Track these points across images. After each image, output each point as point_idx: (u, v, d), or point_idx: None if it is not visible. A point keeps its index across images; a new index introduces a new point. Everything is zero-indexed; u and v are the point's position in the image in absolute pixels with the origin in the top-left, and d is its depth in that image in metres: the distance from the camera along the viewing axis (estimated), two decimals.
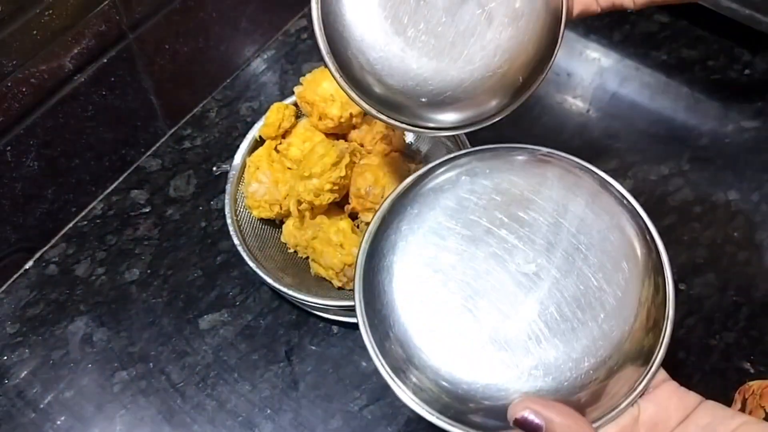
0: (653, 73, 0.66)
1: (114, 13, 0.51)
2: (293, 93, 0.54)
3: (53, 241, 0.57)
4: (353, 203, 0.51)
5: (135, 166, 0.61)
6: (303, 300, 0.48)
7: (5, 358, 0.52)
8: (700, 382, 0.50)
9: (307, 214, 0.50)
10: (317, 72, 0.53)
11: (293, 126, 0.54)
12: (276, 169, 0.52)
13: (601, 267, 0.34)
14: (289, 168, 0.53)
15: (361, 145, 0.54)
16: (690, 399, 0.34)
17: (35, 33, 0.46)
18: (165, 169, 0.61)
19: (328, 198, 0.49)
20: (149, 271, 0.56)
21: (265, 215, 0.52)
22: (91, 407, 0.50)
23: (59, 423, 0.49)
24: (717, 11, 0.63)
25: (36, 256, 0.56)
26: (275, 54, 0.68)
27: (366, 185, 0.50)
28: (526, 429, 0.31)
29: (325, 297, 0.49)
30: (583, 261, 0.34)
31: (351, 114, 0.52)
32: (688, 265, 0.55)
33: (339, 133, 0.54)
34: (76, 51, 0.50)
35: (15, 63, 0.46)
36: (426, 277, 0.35)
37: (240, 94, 0.65)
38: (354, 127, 0.54)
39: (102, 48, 0.52)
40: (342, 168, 0.48)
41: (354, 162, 0.51)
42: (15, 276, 0.55)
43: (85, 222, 0.58)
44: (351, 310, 0.50)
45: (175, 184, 0.60)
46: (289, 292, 0.48)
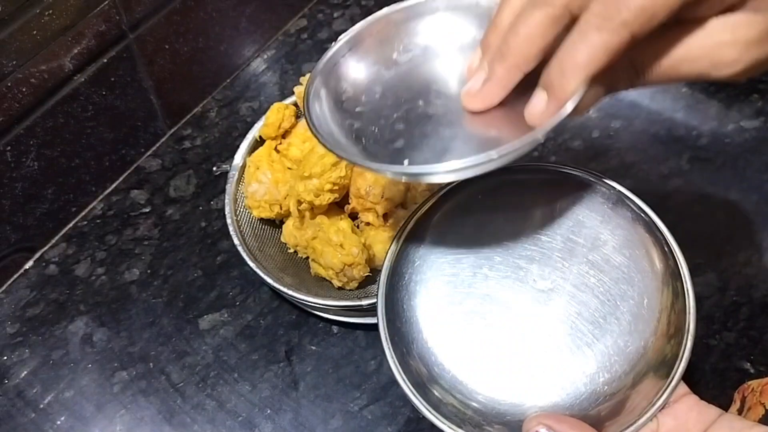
0: None
1: (114, 13, 0.51)
2: (293, 93, 0.54)
3: (53, 241, 0.57)
4: (353, 203, 0.51)
5: (135, 166, 0.61)
6: (303, 300, 0.48)
7: (5, 358, 0.52)
8: (699, 382, 0.50)
9: (307, 214, 0.50)
10: None
11: (293, 126, 0.54)
12: (276, 169, 0.52)
13: (617, 283, 0.35)
14: (289, 168, 0.53)
15: None
16: (710, 413, 0.33)
17: (35, 33, 0.46)
18: (165, 169, 0.61)
19: (328, 198, 0.49)
20: (149, 271, 0.56)
21: (265, 215, 0.52)
22: (91, 407, 0.50)
23: (59, 423, 0.49)
24: None
25: (36, 256, 0.56)
26: (275, 54, 0.68)
27: (366, 185, 0.50)
28: None
29: (325, 297, 0.49)
30: (598, 277, 0.35)
31: None
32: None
33: None
34: (76, 51, 0.50)
35: (15, 63, 0.46)
36: (445, 295, 0.36)
37: (240, 94, 0.65)
38: None
39: (102, 48, 0.52)
40: (342, 168, 0.48)
41: None
42: (15, 276, 0.55)
43: (85, 222, 0.58)
44: (351, 310, 0.50)
45: (175, 184, 0.60)
46: (289, 292, 0.48)
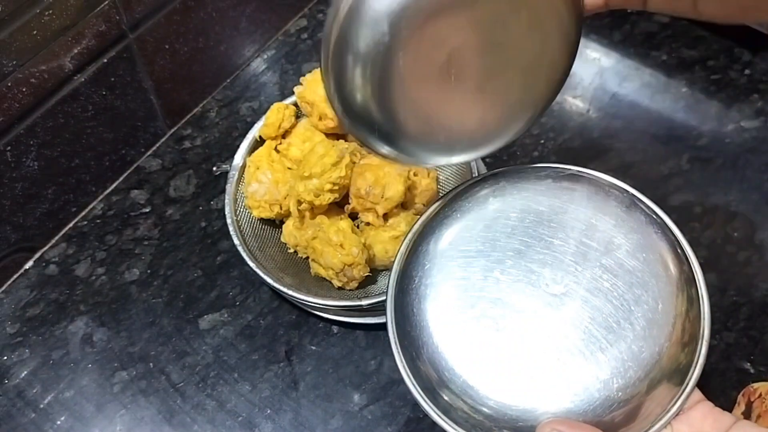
0: (653, 73, 0.66)
1: (114, 13, 0.51)
2: (293, 93, 0.54)
3: (53, 241, 0.57)
4: (353, 203, 0.51)
5: (135, 166, 0.61)
6: (303, 300, 0.48)
7: (5, 358, 0.52)
8: (699, 382, 0.50)
9: (307, 214, 0.50)
10: (317, 72, 0.53)
11: (293, 126, 0.54)
12: (276, 169, 0.52)
13: (631, 287, 0.34)
14: (289, 168, 0.53)
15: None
16: (725, 420, 0.33)
17: (35, 33, 0.46)
18: (165, 169, 0.61)
19: (328, 198, 0.49)
20: (149, 271, 0.56)
21: (265, 215, 0.52)
22: (91, 407, 0.50)
23: (59, 423, 0.49)
24: None
25: (36, 256, 0.56)
26: (275, 54, 0.68)
27: (366, 185, 0.50)
28: None
29: (325, 297, 0.49)
30: (612, 281, 0.34)
31: None
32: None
33: (339, 133, 0.54)
34: (76, 51, 0.50)
35: (15, 63, 0.46)
36: (455, 298, 0.35)
37: (240, 94, 0.65)
38: None
39: (102, 48, 0.52)
40: (342, 168, 0.48)
41: (354, 162, 0.51)
42: (15, 276, 0.55)
43: (85, 222, 0.58)
44: (351, 309, 0.50)
45: (175, 184, 0.60)
46: (289, 292, 0.48)
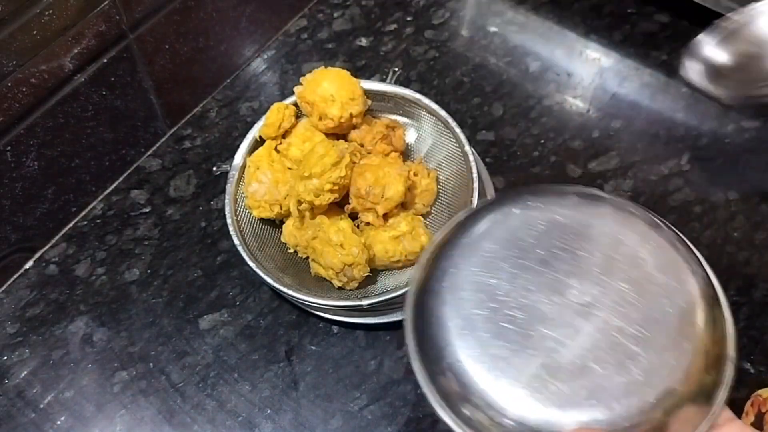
0: (653, 73, 0.66)
1: (114, 13, 0.51)
2: (293, 93, 0.54)
3: (53, 241, 0.57)
4: (353, 203, 0.51)
5: (135, 166, 0.61)
6: (303, 300, 0.48)
7: (5, 358, 0.52)
8: None
9: (307, 214, 0.50)
10: (317, 72, 0.53)
11: (293, 126, 0.54)
12: (276, 169, 0.52)
13: (657, 301, 0.34)
14: (289, 168, 0.53)
15: (361, 145, 0.54)
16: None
17: (35, 33, 0.46)
18: (165, 169, 0.61)
19: (328, 198, 0.49)
20: (149, 271, 0.56)
21: (265, 215, 0.52)
22: (91, 407, 0.50)
23: (59, 423, 0.49)
24: (717, 11, 0.63)
25: (36, 256, 0.56)
26: (275, 54, 0.68)
27: (366, 185, 0.50)
28: None
29: (325, 297, 0.49)
30: (638, 294, 0.34)
31: (351, 114, 0.52)
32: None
33: (339, 133, 0.54)
34: (76, 51, 0.50)
35: (15, 63, 0.46)
36: (479, 305, 0.35)
37: (240, 94, 0.66)
38: (354, 127, 0.54)
39: (102, 48, 0.52)
40: (342, 168, 0.48)
41: (354, 162, 0.51)
42: (15, 276, 0.55)
43: (85, 222, 0.58)
44: (351, 309, 0.50)
45: (175, 184, 0.60)
46: (289, 292, 0.48)
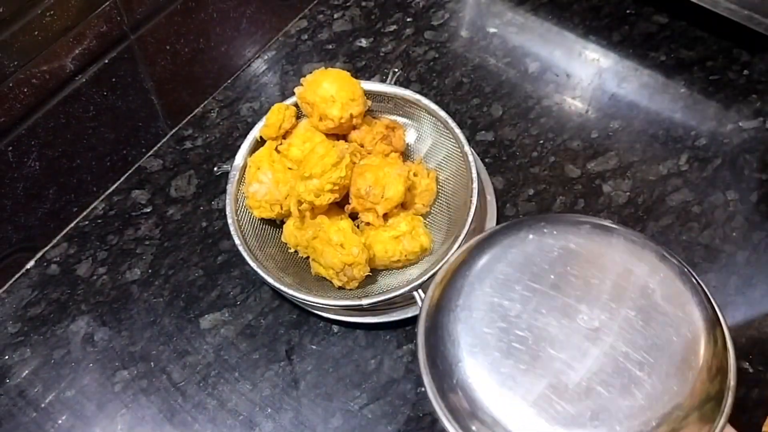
0: (652, 74, 0.66)
1: (115, 14, 0.51)
2: (294, 94, 0.54)
3: (55, 241, 0.57)
4: (353, 203, 0.51)
5: (136, 166, 0.61)
6: (303, 300, 0.49)
7: (7, 357, 0.52)
8: None
9: (308, 214, 0.50)
10: (318, 73, 0.53)
11: (294, 126, 0.55)
12: (277, 170, 0.52)
13: (663, 329, 0.35)
14: (290, 168, 0.53)
15: (361, 146, 0.54)
16: None
17: (37, 34, 0.46)
18: (166, 170, 0.61)
19: (328, 198, 0.49)
20: (150, 271, 0.56)
21: (266, 215, 0.52)
22: (93, 406, 0.50)
23: (60, 422, 0.50)
24: (716, 12, 0.63)
25: (37, 255, 0.57)
26: (276, 55, 0.68)
27: (366, 185, 0.50)
28: None
29: (326, 297, 0.49)
30: (645, 322, 0.36)
31: (351, 115, 0.52)
32: (687, 265, 0.55)
33: (339, 134, 0.54)
34: (77, 51, 0.50)
35: (17, 63, 0.46)
36: (491, 324, 0.36)
37: (241, 94, 0.66)
38: (354, 128, 0.54)
39: (103, 48, 0.52)
40: (342, 168, 0.48)
41: (354, 162, 0.51)
42: (17, 276, 0.56)
43: (87, 222, 0.58)
44: (351, 309, 0.50)
45: (176, 184, 0.60)
46: (290, 291, 0.48)
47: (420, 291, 0.47)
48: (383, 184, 0.50)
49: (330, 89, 0.52)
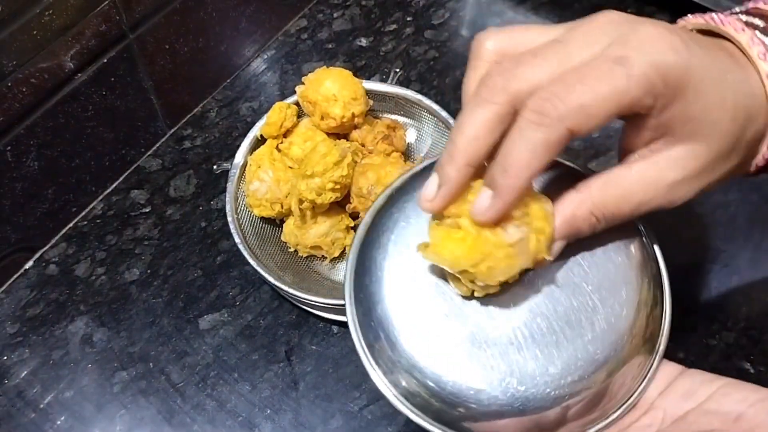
0: None
1: (114, 13, 0.51)
2: (293, 93, 0.54)
3: (53, 241, 0.57)
4: (354, 203, 0.51)
5: (135, 166, 0.61)
6: (303, 299, 0.48)
7: (5, 358, 0.52)
8: None
9: (309, 213, 0.50)
10: (320, 71, 0.53)
11: (295, 125, 0.54)
12: (278, 168, 0.52)
13: (599, 287, 0.33)
14: (291, 167, 0.53)
15: (363, 145, 0.54)
16: (671, 368, 0.33)
17: (35, 33, 0.46)
18: (165, 169, 0.61)
19: (329, 197, 0.49)
20: (149, 271, 0.56)
21: (266, 214, 0.52)
22: (91, 407, 0.50)
23: (59, 423, 0.49)
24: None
25: (36, 256, 0.56)
26: (275, 54, 0.68)
27: (368, 185, 0.50)
28: None
29: (326, 296, 0.49)
30: (582, 278, 0.33)
31: (353, 114, 0.52)
32: (688, 266, 0.55)
33: (340, 133, 0.54)
34: (76, 51, 0.50)
35: (15, 63, 0.46)
36: (421, 261, 0.33)
37: (240, 94, 0.66)
38: (355, 127, 0.54)
39: (102, 48, 0.52)
40: (344, 167, 0.48)
41: (356, 161, 0.51)
42: (15, 276, 0.55)
43: (85, 222, 0.58)
44: None
45: (176, 184, 0.60)
46: (290, 290, 0.48)
47: None
48: (385, 183, 0.50)
49: (332, 88, 0.52)
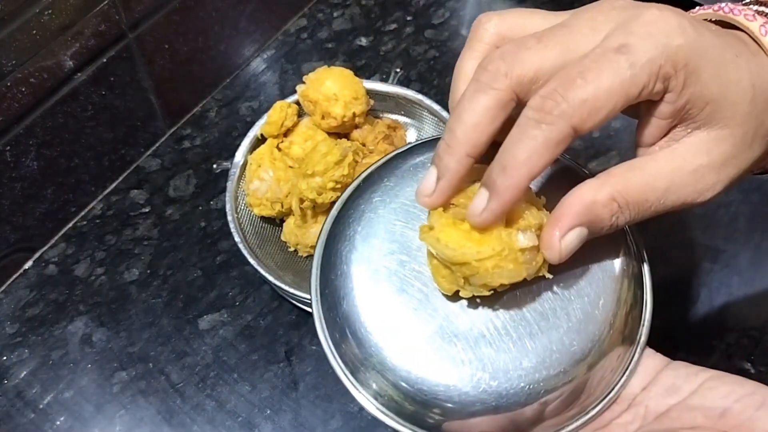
0: None
1: (113, 13, 0.51)
2: (293, 93, 0.54)
3: (53, 241, 0.57)
4: None
5: (135, 165, 0.61)
6: (304, 298, 0.48)
7: (5, 358, 0.52)
8: None
9: (309, 212, 0.50)
10: (321, 71, 0.53)
11: (295, 125, 0.54)
12: (278, 167, 0.52)
13: (576, 278, 0.32)
14: (291, 166, 0.53)
15: (363, 145, 0.54)
16: (655, 361, 0.32)
17: (34, 32, 0.46)
18: (165, 169, 0.61)
19: (330, 196, 0.49)
20: (149, 271, 0.56)
21: (267, 213, 0.52)
22: (91, 407, 0.50)
23: (59, 423, 0.49)
24: None
25: (35, 256, 0.56)
26: (275, 54, 0.68)
27: None
28: None
29: None
30: (557, 268, 0.31)
31: (354, 113, 0.52)
32: (688, 266, 0.55)
33: (341, 133, 0.54)
34: (75, 50, 0.50)
35: (14, 63, 0.46)
36: (389, 255, 0.32)
37: (240, 93, 0.65)
38: (356, 127, 0.54)
39: (101, 47, 0.52)
40: (345, 166, 0.48)
41: (356, 161, 0.51)
42: (14, 276, 0.55)
43: (85, 222, 0.58)
44: None
45: (175, 184, 0.60)
46: (290, 289, 0.48)
47: None
48: None
49: (333, 87, 0.51)
